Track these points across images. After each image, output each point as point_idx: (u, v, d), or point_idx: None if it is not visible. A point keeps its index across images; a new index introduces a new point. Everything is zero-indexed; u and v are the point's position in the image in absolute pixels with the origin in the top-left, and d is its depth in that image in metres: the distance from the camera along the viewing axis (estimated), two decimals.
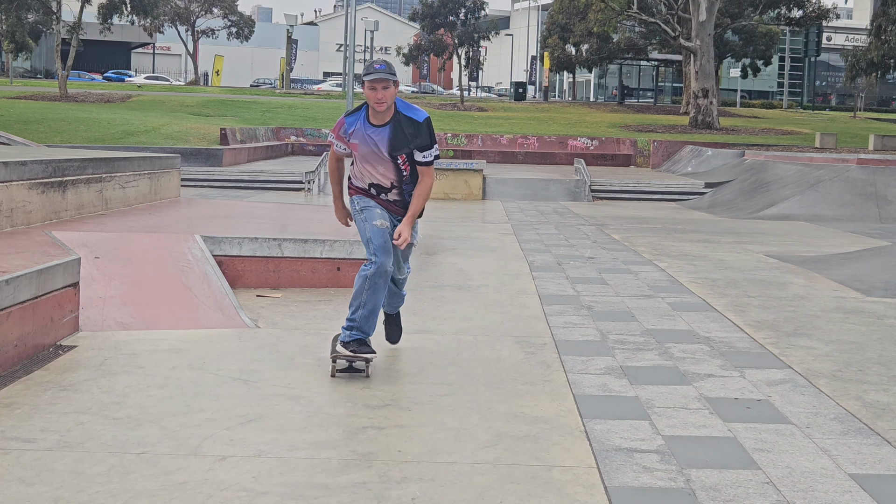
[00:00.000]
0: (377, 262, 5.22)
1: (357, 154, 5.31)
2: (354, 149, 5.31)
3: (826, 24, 53.17)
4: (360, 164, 5.34)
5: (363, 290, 5.23)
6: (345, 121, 5.34)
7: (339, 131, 5.37)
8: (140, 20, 48.06)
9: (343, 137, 5.34)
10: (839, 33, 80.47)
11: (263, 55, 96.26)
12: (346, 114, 5.38)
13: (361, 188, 5.42)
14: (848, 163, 18.69)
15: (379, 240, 5.24)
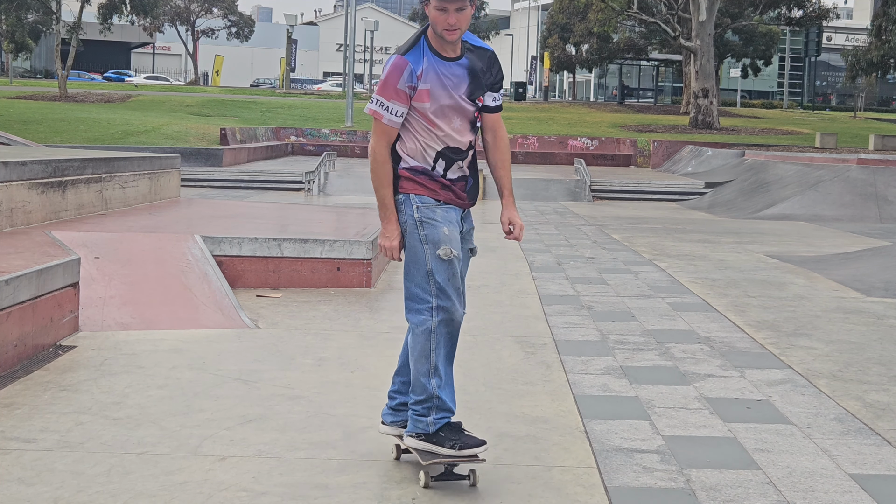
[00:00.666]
0: (444, 305, 3.67)
1: (427, 107, 3.66)
2: (424, 98, 3.65)
3: (826, 24, 53.16)
4: (428, 124, 3.68)
5: (428, 352, 3.69)
6: (408, 61, 3.63)
7: (403, 79, 3.63)
8: (140, 20, 48.07)
9: (408, 89, 3.64)
10: (839, 33, 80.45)
11: (263, 55, 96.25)
12: (400, 51, 3.70)
13: (421, 169, 3.73)
14: (848, 163, 18.69)
15: (445, 273, 3.66)
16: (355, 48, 40.99)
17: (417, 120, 3.70)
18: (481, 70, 3.78)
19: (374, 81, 73.96)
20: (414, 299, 3.73)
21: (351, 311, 7.13)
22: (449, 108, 3.71)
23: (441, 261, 3.66)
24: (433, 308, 3.68)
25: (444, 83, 3.68)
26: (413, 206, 3.72)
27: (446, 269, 3.67)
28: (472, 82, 3.74)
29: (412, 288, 3.72)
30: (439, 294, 3.67)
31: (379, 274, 8.62)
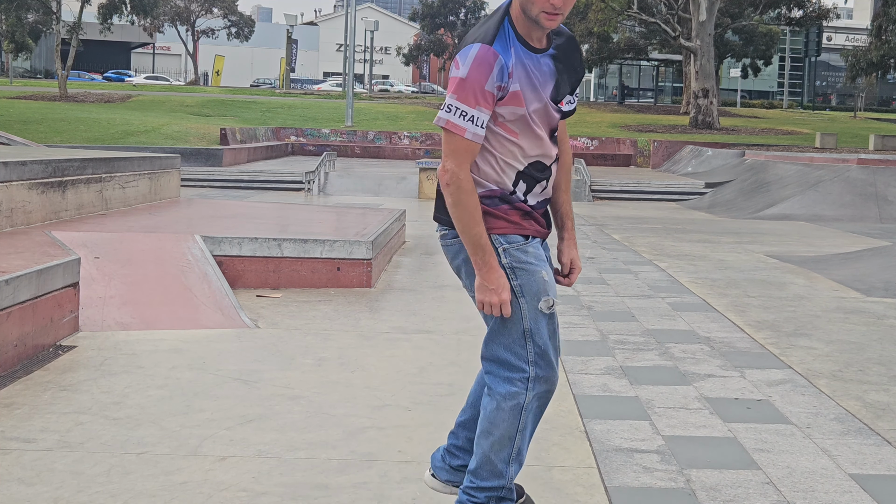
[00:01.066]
0: (544, 375, 2.95)
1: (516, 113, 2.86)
2: (514, 102, 2.83)
3: (826, 24, 53.21)
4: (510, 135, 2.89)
5: (514, 433, 2.98)
6: (498, 53, 2.76)
7: (493, 78, 2.77)
8: (140, 20, 48.11)
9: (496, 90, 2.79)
10: (839, 33, 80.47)
11: (263, 55, 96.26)
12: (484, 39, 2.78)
13: (500, 195, 2.94)
14: (848, 163, 18.70)
15: (546, 331, 2.94)
16: (355, 48, 40.99)
17: (495, 131, 2.86)
18: (569, 64, 2.95)
19: (374, 81, 73.96)
20: (503, 366, 2.93)
21: (351, 311, 7.13)
22: (537, 115, 2.88)
23: (542, 316, 2.91)
24: (530, 379, 2.90)
25: (534, 82, 2.85)
26: (498, 248, 2.90)
27: (547, 326, 2.93)
28: (558, 80, 2.92)
29: (501, 352, 2.92)
30: (538, 360, 2.91)
31: (379, 274, 8.62)
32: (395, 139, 32.53)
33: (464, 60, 2.75)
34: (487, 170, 2.89)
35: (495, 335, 2.93)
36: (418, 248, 11.01)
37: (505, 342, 2.91)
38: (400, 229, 10.89)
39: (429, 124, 35.42)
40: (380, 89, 71.08)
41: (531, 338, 2.90)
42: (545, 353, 2.92)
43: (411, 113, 38.93)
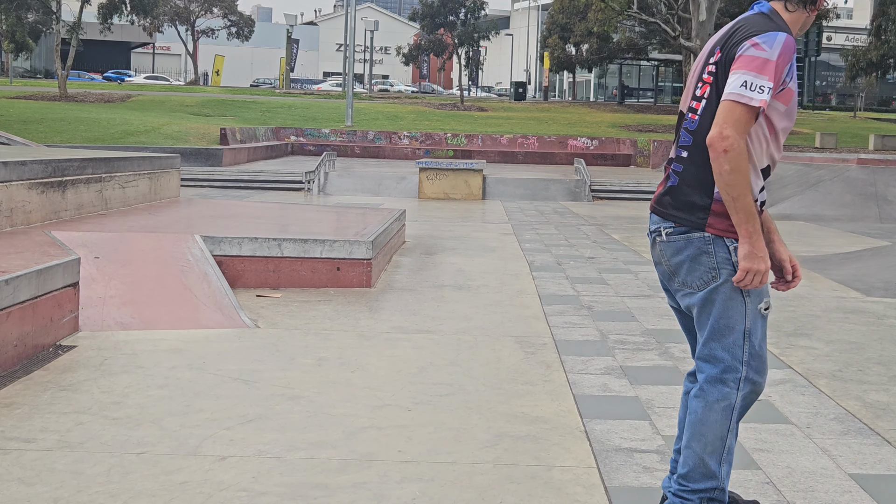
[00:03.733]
0: (754, 379, 3.01)
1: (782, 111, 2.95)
2: (787, 100, 2.92)
3: (826, 23, 53.13)
4: (770, 133, 2.97)
5: (726, 433, 3.02)
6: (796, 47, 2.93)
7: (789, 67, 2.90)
8: (140, 20, 48.03)
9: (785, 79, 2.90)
10: (839, 33, 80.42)
11: (263, 55, 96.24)
12: (785, 30, 2.91)
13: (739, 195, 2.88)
14: (848, 163, 18.70)
15: (760, 334, 3.02)
16: (355, 48, 41.00)
17: (757, 127, 2.90)
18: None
19: (374, 81, 73.94)
20: (719, 365, 2.99)
21: (351, 310, 7.13)
22: (788, 115, 2.96)
23: (760, 317, 2.98)
24: (741, 379, 2.97)
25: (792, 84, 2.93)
26: (728, 248, 2.94)
27: (762, 329, 3.00)
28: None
29: (719, 352, 2.97)
30: (751, 361, 2.97)
31: (379, 274, 8.62)
32: (394, 139, 32.53)
33: (771, 44, 2.84)
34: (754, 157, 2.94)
35: (715, 334, 2.98)
36: (418, 248, 11.01)
37: (725, 342, 2.97)
38: (400, 229, 10.89)
39: (428, 124, 35.42)
40: (380, 89, 71.08)
41: (748, 338, 2.96)
42: (759, 355, 3.00)
43: (411, 113, 38.93)
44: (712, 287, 2.97)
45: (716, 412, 2.97)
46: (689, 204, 2.98)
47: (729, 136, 2.81)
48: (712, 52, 3.02)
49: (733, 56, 2.89)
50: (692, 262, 2.99)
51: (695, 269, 2.98)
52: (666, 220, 3.03)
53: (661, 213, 3.05)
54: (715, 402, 2.98)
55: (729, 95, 2.83)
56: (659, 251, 3.07)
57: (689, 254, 2.98)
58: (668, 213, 3.03)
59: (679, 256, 3.01)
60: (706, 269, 2.97)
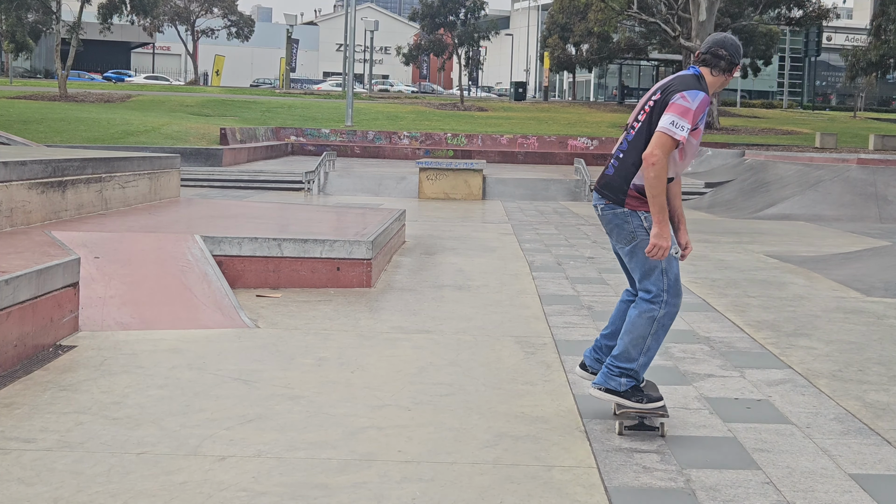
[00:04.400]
0: (672, 301, 4.35)
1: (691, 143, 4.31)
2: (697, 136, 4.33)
3: (826, 23, 53.18)
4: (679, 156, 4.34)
5: (647, 335, 4.33)
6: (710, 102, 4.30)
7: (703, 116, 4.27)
8: (140, 20, 48.04)
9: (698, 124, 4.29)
10: (839, 33, 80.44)
11: (263, 55, 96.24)
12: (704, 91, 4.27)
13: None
14: (848, 163, 18.70)
15: (674, 271, 4.36)
16: (355, 48, 41.00)
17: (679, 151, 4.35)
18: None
19: (374, 81, 73.94)
20: (650, 293, 4.38)
21: (351, 310, 7.13)
22: (693, 148, 4.39)
23: (674, 260, 4.37)
24: (662, 301, 4.34)
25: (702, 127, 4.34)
26: (640, 217, 4.34)
27: (675, 267, 4.37)
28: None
29: (649, 285, 4.37)
30: (669, 289, 4.35)
31: (379, 274, 8.62)
32: (394, 139, 32.54)
33: (693, 99, 4.22)
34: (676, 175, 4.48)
35: (645, 275, 4.38)
36: (418, 247, 11.01)
37: (651, 279, 4.36)
38: (400, 229, 10.89)
39: (428, 124, 35.45)
40: (380, 89, 71.09)
41: (665, 274, 4.34)
42: (675, 286, 4.37)
43: (411, 113, 38.93)
44: (634, 244, 4.37)
45: (643, 319, 4.37)
46: (616, 188, 4.38)
47: (657, 154, 4.17)
48: (655, 92, 4.37)
49: (668, 101, 4.24)
50: (618, 228, 4.42)
51: (621, 232, 4.41)
52: (602, 199, 4.45)
53: (600, 192, 4.47)
54: (643, 313, 4.37)
55: (661, 128, 4.19)
56: (600, 218, 4.52)
57: (616, 222, 4.41)
58: (603, 193, 4.45)
59: (610, 224, 4.44)
60: (627, 232, 4.38)
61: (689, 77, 4.34)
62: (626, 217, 4.36)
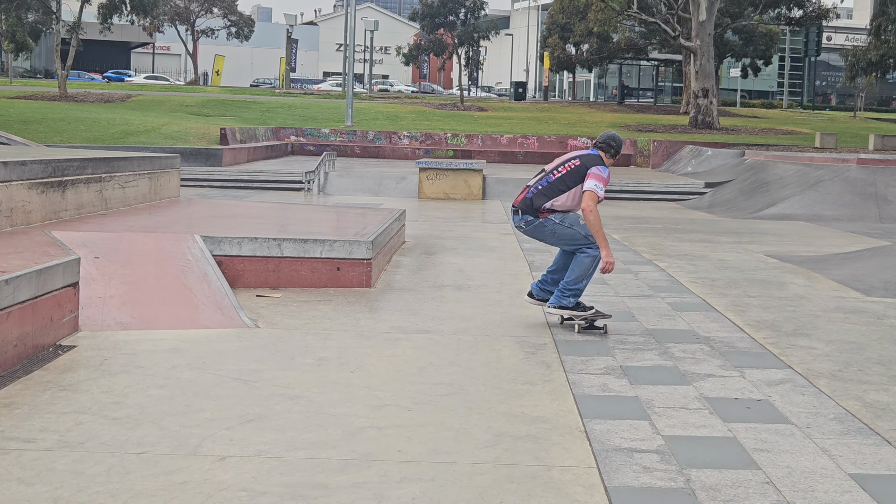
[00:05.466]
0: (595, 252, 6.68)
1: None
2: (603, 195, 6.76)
3: (826, 23, 53.16)
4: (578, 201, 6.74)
5: (589, 271, 6.65)
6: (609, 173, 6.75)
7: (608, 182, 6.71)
8: (140, 20, 48.02)
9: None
10: (839, 33, 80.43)
11: (263, 55, 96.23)
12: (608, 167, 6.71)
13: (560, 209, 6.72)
14: (848, 163, 18.69)
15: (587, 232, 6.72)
16: (355, 48, 40.99)
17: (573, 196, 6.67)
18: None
19: (374, 81, 73.98)
20: (583, 250, 6.62)
21: (351, 310, 7.13)
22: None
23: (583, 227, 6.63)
24: (593, 252, 6.59)
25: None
26: (551, 220, 6.65)
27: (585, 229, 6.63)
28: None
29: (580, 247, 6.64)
30: (591, 243, 6.61)
31: (379, 274, 8.62)
32: (394, 139, 32.54)
33: (604, 171, 6.63)
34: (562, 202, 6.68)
35: (574, 243, 6.67)
36: (418, 247, 11.01)
37: (578, 243, 6.65)
38: (400, 229, 10.89)
39: (428, 124, 35.45)
40: (380, 89, 71.06)
41: (587, 236, 6.59)
42: (591, 240, 6.60)
43: (411, 113, 38.93)
44: (555, 233, 6.69)
45: (588, 258, 6.60)
46: (535, 210, 6.71)
47: (591, 206, 6.51)
48: (574, 158, 6.76)
49: (587, 170, 6.61)
50: (540, 232, 6.75)
51: (543, 232, 6.74)
52: (523, 217, 6.77)
53: (524, 211, 6.77)
54: (587, 257, 6.60)
55: (588, 188, 6.56)
56: (517, 227, 6.88)
57: (539, 230, 6.74)
58: (527, 211, 6.75)
59: (534, 233, 6.77)
60: (548, 230, 6.70)
61: (596, 156, 6.70)
62: (543, 224, 6.69)
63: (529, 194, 6.71)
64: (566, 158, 6.77)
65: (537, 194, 6.67)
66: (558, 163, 6.77)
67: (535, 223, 6.65)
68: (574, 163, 6.66)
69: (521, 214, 6.72)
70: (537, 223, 6.65)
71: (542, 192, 6.67)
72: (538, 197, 6.66)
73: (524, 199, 6.72)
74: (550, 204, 6.62)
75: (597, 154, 6.69)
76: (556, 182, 6.67)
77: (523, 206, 6.70)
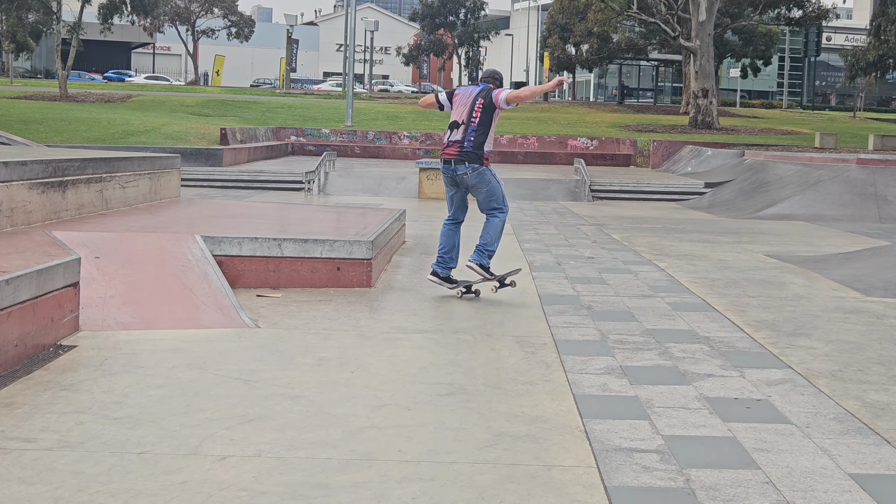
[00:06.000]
0: (506, 210, 7.61)
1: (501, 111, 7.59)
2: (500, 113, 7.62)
3: (826, 24, 53.18)
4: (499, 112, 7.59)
5: (499, 230, 7.57)
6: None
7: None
8: (140, 20, 48.04)
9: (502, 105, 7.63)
10: (839, 33, 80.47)
11: (263, 55, 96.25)
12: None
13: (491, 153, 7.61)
14: (848, 163, 18.70)
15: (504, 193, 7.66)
16: (355, 48, 40.99)
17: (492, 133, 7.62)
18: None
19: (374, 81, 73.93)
20: (497, 209, 7.60)
21: (351, 310, 7.13)
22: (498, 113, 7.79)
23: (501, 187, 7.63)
24: (506, 210, 7.63)
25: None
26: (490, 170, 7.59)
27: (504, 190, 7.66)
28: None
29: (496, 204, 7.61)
30: (503, 203, 7.62)
31: (379, 274, 8.62)
32: (394, 139, 32.53)
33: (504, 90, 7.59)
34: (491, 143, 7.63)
35: (493, 200, 7.59)
36: (418, 247, 11.02)
37: (496, 200, 7.60)
38: (400, 229, 10.89)
39: (428, 124, 35.44)
40: (380, 89, 71.05)
41: (503, 195, 7.57)
42: (506, 201, 7.63)
43: (411, 113, 38.92)
44: (489, 186, 7.54)
45: (500, 221, 7.58)
46: (477, 157, 7.44)
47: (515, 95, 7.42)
48: (477, 99, 7.55)
49: (491, 101, 7.45)
50: (480, 180, 7.50)
51: (482, 182, 7.51)
52: (466, 166, 7.49)
53: (470, 160, 7.48)
54: (498, 220, 7.56)
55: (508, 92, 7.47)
56: (461, 178, 7.56)
57: (478, 178, 7.51)
58: (474, 160, 7.48)
59: (474, 180, 7.51)
60: (485, 180, 7.49)
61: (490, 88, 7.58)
62: (484, 172, 7.44)
63: (468, 145, 7.40)
64: (471, 105, 7.50)
65: (476, 142, 7.36)
66: (468, 111, 7.49)
67: (480, 170, 7.40)
68: (480, 102, 7.42)
69: (468, 164, 7.39)
70: (481, 170, 7.40)
71: (479, 139, 7.33)
72: (478, 145, 7.36)
73: (464, 150, 7.43)
74: (486, 146, 7.43)
75: (488, 87, 7.58)
76: (479, 126, 7.38)
77: (468, 157, 7.38)
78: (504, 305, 7.56)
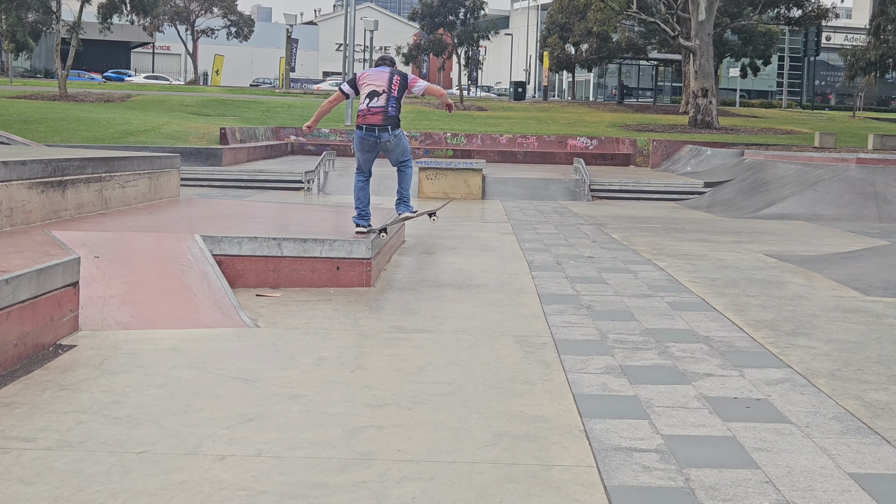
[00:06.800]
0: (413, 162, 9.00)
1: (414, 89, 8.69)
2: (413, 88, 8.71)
3: (825, 23, 53.13)
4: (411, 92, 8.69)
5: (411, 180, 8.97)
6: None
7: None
8: (140, 20, 47.97)
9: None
10: (838, 33, 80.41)
11: (263, 55, 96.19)
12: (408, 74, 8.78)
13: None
14: (847, 162, 18.70)
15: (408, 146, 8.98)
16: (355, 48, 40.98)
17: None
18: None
19: None
20: (409, 161, 8.85)
21: (350, 310, 7.13)
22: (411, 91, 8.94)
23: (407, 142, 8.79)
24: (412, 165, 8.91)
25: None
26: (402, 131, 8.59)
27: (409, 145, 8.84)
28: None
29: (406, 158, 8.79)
30: (411, 158, 8.90)
31: (378, 273, 8.62)
32: None
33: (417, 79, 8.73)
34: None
35: (404, 154, 8.78)
36: (418, 247, 11.02)
37: (406, 154, 8.80)
38: (400, 229, 10.89)
39: (428, 123, 35.46)
40: None
41: (409, 150, 8.88)
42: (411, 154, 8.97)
43: (411, 112, 38.92)
44: (403, 144, 8.67)
45: (411, 171, 8.90)
46: (396, 123, 8.46)
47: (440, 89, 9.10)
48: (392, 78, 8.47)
49: (406, 81, 8.52)
50: (399, 141, 8.56)
51: (399, 143, 8.58)
52: (387, 132, 8.40)
53: (392, 126, 8.42)
54: (410, 171, 8.86)
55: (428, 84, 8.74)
56: (384, 144, 8.47)
57: (396, 140, 8.51)
58: (395, 126, 8.44)
59: (392, 142, 8.49)
60: (401, 139, 8.57)
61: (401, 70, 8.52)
62: (402, 135, 8.54)
63: (392, 110, 8.37)
64: (387, 80, 8.42)
65: (398, 107, 8.42)
66: (386, 83, 8.41)
67: (399, 133, 8.48)
68: (396, 79, 8.42)
69: (391, 130, 8.38)
70: (399, 133, 8.48)
71: (396, 108, 8.41)
72: (399, 109, 8.44)
73: (389, 115, 8.36)
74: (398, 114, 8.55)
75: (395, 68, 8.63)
76: (398, 97, 8.41)
77: (392, 121, 8.38)
78: (503, 305, 7.56)
